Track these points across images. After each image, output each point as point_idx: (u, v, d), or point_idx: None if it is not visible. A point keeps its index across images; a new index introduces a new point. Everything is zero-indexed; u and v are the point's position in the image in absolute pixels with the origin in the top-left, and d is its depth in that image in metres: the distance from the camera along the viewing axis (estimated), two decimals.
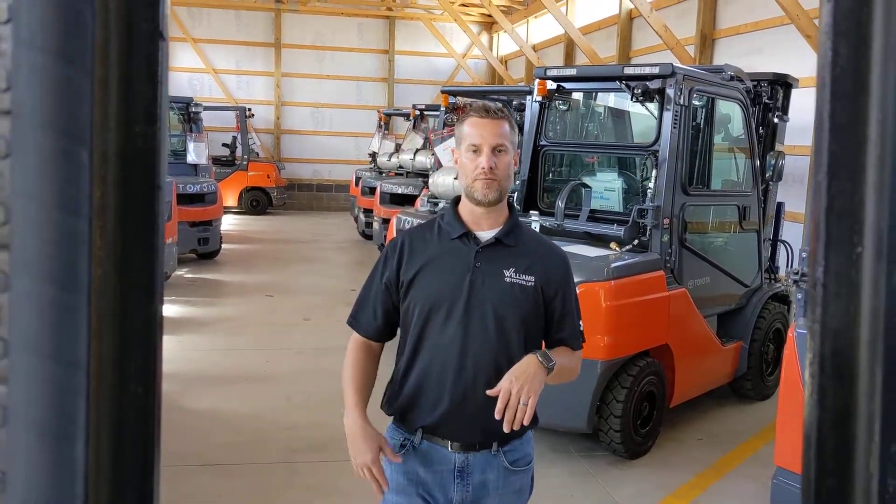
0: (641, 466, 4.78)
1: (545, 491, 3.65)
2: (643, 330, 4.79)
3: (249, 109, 17.64)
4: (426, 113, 13.34)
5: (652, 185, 4.99)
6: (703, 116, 5.64)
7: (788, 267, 6.64)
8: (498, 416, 1.96)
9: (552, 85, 5.75)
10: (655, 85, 4.94)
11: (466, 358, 2.13)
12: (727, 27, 10.24)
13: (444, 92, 9.67)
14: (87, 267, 0.48)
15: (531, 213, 5.45)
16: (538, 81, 5.75)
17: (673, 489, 4.49)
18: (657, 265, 4.86)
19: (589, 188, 5.55)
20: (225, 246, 11.96)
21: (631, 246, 4.95)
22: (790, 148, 6.59)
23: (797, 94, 6.43)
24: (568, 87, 5.86)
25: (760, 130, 6.13)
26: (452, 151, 2.27)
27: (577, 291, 2.32)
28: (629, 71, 5.11)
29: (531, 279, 2.15)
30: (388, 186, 11.98)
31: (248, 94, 19.66)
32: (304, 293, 9.51)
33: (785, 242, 6.63)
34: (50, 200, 0.47)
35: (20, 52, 0.46)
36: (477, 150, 2.11)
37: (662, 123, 5.00)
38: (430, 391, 2.16)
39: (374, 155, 14.71)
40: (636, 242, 4.97)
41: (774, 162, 5.89)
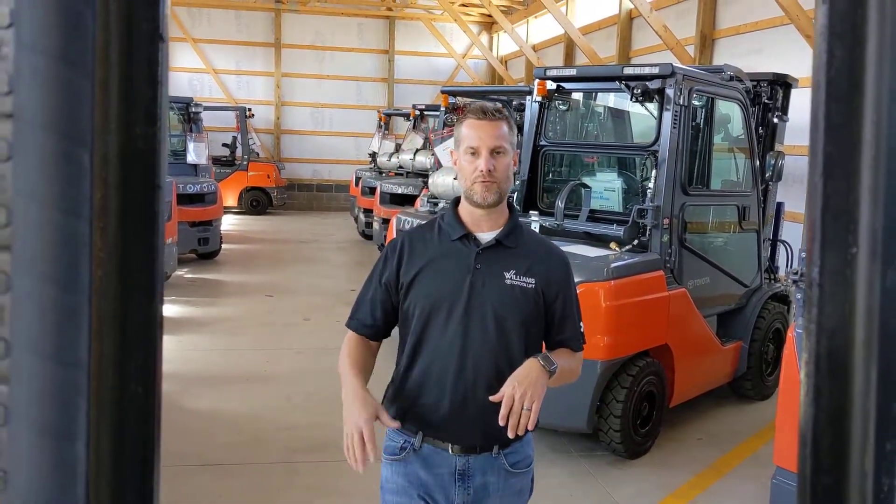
0: (641, 466, 4.79)
1: (545, 491, 3.65)
2: (643, 330, 4.80)
3: (249, 109, 17.65)
4: (426, 113, 13.34)
5: (652, 185, 5.00)
6: (702, 116, 5.64)
7: (788, 267, 6.64)
8: (502, 422, 1.94)
9: (552, 85, 5.76)
10: (655, 85, 4.95)
11: (466, 360, 2.11)
12: (727, 27, 10.24)
13: (444, 92, 9.68)
14: (88, 268, 0.49)
15: (531, 213, 5.45)
16: (538, 81, 5.75)
17: (673, 489, 4.50)
18: (657, 265, 4.87)
19: (589, 188, 5.55)
20: (225, 246, 11.97)
21: (631, 246, 4.96)
22: (790, 148, 6.59)
23: (797, 94, 6.43)
24: (568, 87, 5.87)
25: (760, 130, 6.14)
26: (451, 153, 2.25)
27: (577, 292, 2.32)
28: (629, 71, 5.12)
29: (532, 281, 2.14)
30: (388, 186, 11.99)
31: (248, 94, 19.67)
32: (303, 293, 9.51)
33: (784, 242, 6.63)
34: (51, 202, 0.47)
35: (22, 55, 0.46)
36: (475, 152, 2.09)
37: (662, 123, 5.00)
38: (430, 393, 2.15)
39: (374, 155, 14.71)
40: (636, 242, 4.98)
41: (774, 162, 5.90)
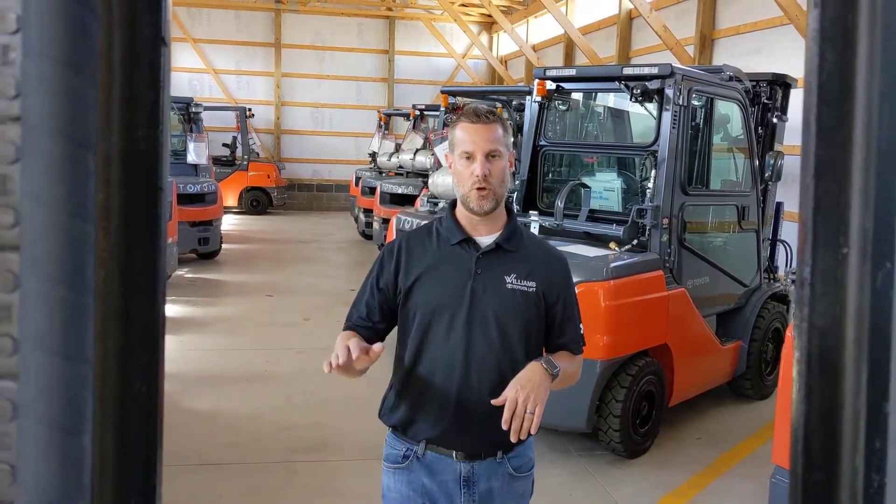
0: (640, 465, 4.79)
1: (544, 490, 3.66)
2: (642, 330, 4.80)
3: (249, 109, 17.65)
4: (426, 113, 13.34)
5: (651, 184, 5.00)
6: (702, 116, 5.65)
7: (787, 266, 6.65)
8: (505, 426, 1.92)
9: (552, 85, 5.76)
10: (654, 85, 4.95)
11: (470, 366, 2.10)
12: (726, 27, 10.24)
13: (443, 92, 9.68)
14: (93, 268, 0.49)
15: (531, 213, 5.45)
16: (538, 81, 5.76)
17: (672, 488, 4.50)
18: (656, 265, 4.87)
19: (588, 188, 5.56)
20: (225, 246, 11.97)
21: (630, 246, 4.96)
22: (789, 148, 6.59)
23: (796, 94, 6.44)
24: (567, 87, 5.87)
25: (759, 130, 6.14)
26: (447, 156, 2.22)
27: (576, 294, 2.31)
28: (628, 71, 5.12)
29: (532, 285, 2.13)
30: (387, 186, 11.99)
31: (248, 94, 19.67)
32: (303, 293, 9.52)
33: (784, 242, 6.64)
34: (58, 204, 0.48)
35: (29, 61, 0.47)
36: (470, 156, 2.07)
37: (661, 123, 5.01)
38: (433, 400, 2.13)
39: (374, 155, 14.71)
40: (635, 242, 4.98)
41: (773, 162, 5.90)
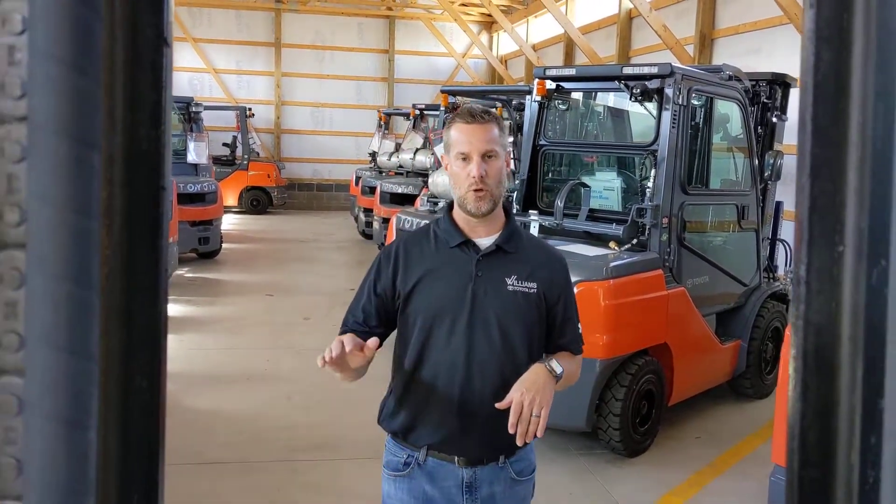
0: (640, 464, 4.80)
1: (544, 489, 3.66)
2: (642, 329, 4.81)
3: (250, 109, 17.66)
4: (426, 113, 13.34)
5: (651, 184, 5.00)
6: (701, 116, 5.65)
7: (787, 266, 6.66)
8: (511, 430, 1.90)
9: (551, 84, 5.76)
10: (654, 85, 4.96)
11: (472, 370, 2.07)
12: (726, 27, 10.25)
13: (443, 92, 9.67)
14: (98, 265, 0.50)
15: (530, 212, 5.45)
16: (537, 81, 5.76)
17: (671, 487, 4.51)
18: (656, 264, 4.88)
19: (588, 187, 5.56)
20: (225, 245, 11.98)
21: (630, 245, 4.96)
22: (788, 147, 6.60)
23: (795, 93, 6.44)
24: (567, 86, 5.87)
25: (759, 130, 6.14)
26: (443, 157, 2.20)
27: (575, 294, 2.30)
28: (628, 71, 5.13)
29: (533, 286, 2.10)
30: (388, 186, 11.99)
31: (248, 93, 19.67)
32: (304, 293, 9.52)
33: (783, 241, 6.64)
34: (63, 202, 0.49)
35: (35, 61, 0.48)
36: (466, 157, 2.04)
37: (661, 123, 5.01)
38: (435, 406, 2.10)
39: (374, 154, 14.71)
40: (635, 241, 4.98)
41: (773, 161, 5.91)
